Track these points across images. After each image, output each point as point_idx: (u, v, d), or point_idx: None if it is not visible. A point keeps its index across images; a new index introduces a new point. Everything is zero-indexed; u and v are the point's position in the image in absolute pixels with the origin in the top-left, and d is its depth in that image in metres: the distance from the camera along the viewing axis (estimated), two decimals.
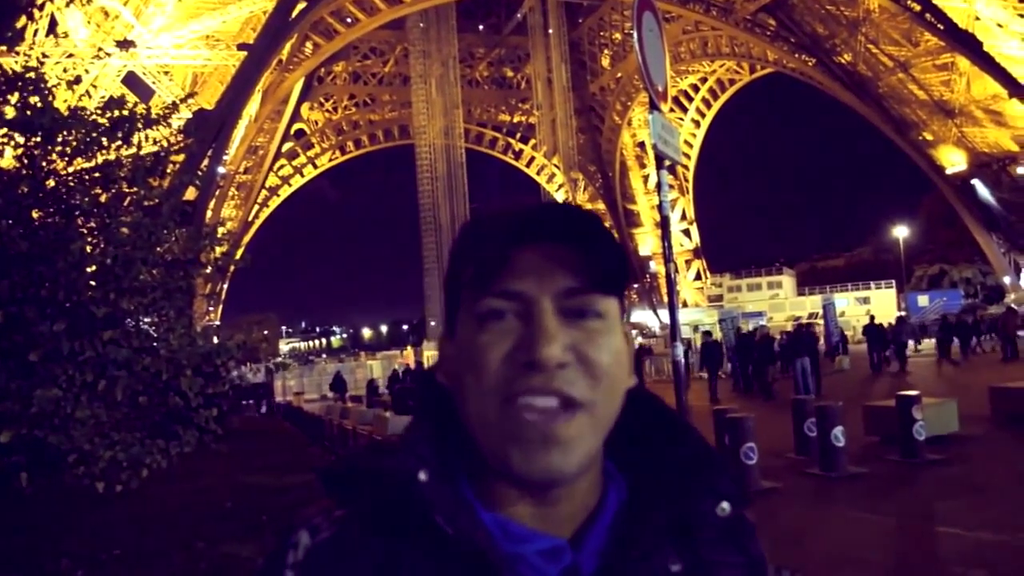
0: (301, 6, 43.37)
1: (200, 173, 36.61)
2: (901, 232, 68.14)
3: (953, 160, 61.48)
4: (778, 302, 75.37)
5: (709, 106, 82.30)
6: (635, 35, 6.05)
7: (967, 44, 54.90)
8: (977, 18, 55.82)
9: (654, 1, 6.88)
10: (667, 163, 5.93)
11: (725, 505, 0.90)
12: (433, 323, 71.33)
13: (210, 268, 8.71)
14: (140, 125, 7.50)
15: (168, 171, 8.16)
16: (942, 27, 55.01)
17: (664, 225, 5.91)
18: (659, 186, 5.92)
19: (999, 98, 56.00)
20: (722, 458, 0.94)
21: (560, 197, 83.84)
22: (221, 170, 42.52)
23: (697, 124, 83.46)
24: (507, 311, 0.85)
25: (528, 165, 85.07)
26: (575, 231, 0.87)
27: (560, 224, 0.87)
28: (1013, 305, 49.10)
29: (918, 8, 55.17)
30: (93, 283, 6.57)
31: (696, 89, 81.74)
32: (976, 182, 60.24)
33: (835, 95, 64.92)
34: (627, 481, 0.93)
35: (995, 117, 58.26)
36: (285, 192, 72.23)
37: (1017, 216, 58.91)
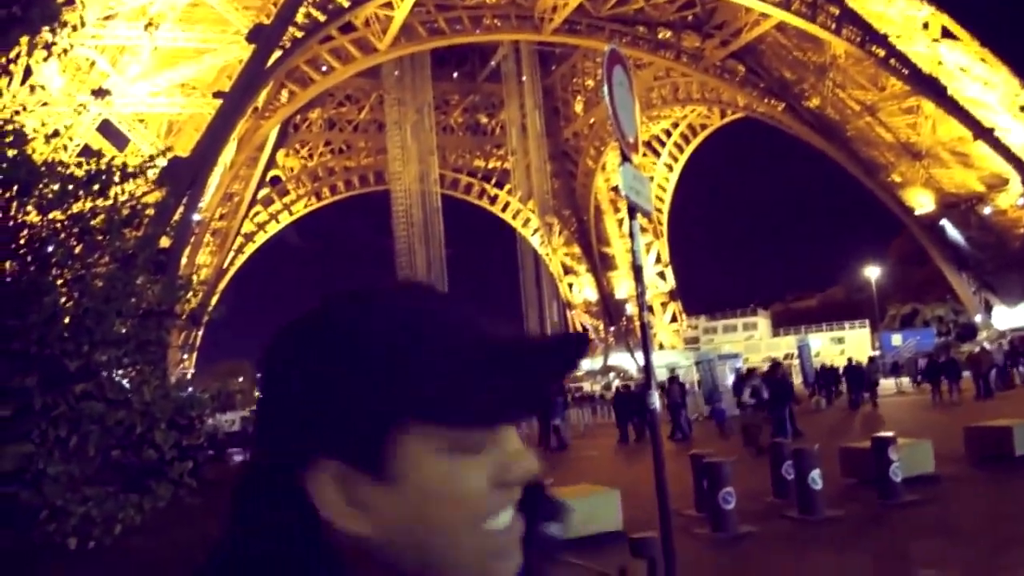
0: (276, 55, 43.68)
1: (175, 222, 36.53)
2: (873, 272, 68.92)
3: (922, 201, 62.58)
4: (754, 343, 75.84)
5: (681, 150, 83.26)
6: (605, 89, 6.17)
7: (931, 88, 56.19)
8: (940, 63, 57.24)
9: (623, 55, 7.03)
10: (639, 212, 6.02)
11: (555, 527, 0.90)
12: None
13: (184, 318, 8.68)
14: (116, 179, 7.51)
15: (143, 221, 8.15)
16: (907, 72, 56.30)
17: (637, 274, 5.97)
18: (632, 235, 5.99)
19: (964, 140, 57.22)
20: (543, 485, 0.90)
21: (536, 241, 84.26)
22: (196, 217, 42.43)
23: (670, 168, 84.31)
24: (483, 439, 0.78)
25: (504, 210, 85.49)
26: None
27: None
28: (986, 343, 49.72)
29: (883, 54, 56.45)
30: (66, 335, 6.52)
31: (668, 134, 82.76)
32: (945, 222, 61.28)
33: (805, 139, 65.99)
34: None
35: (961, 158, 59.48)
36: (261, 238, 72.09)
37: (986, 254, 59.91)
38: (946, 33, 58.53)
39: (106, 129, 40.11)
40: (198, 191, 41.52)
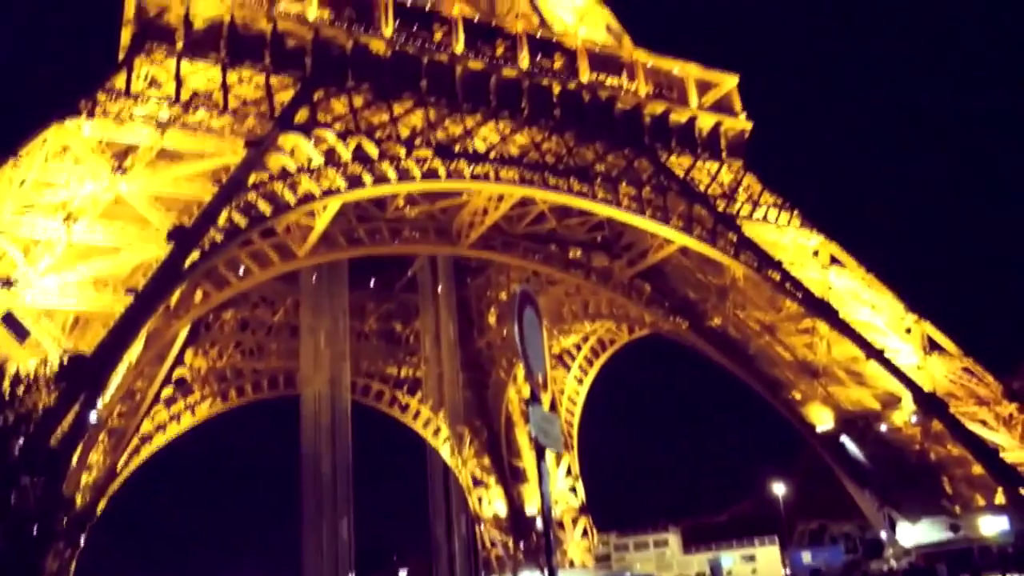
0: (195, 256, 43.57)
1: (69, 424, 34.67)
2: (780, 489, 69.59)
3: (822, 417, 64.54)
4: (666, 561, 74.42)
5: (591, 364, 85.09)
6: (516, 329, 6.31)
7: (824, 311, 59.64)
8: (831, 287, 61.23)
9: (534, 296, 7.29)
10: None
11: None
12: None
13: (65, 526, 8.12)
14: (6, 385, 7.26)
15: (31, 428, 7.79)
16: (800, 295, 59.79)
17: (546, 518, 5.91)
18: (540, 477, 5.98)
19: (858, 360, 60.15)
20: None
21: (446, 452, 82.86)
22: (93, 417, 40.40)
23: (580, 381, 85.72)
24: None
25: (415, 419, 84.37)
26: None
27: None
28: (892, 561, 49.94)
29: (778, 278, 60.05)
30: None
31: (579, 348, 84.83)
32: (844, 439, 63.02)
33: (709, 356, 68.34)
34: None
35: (856, 377, 62.19)
36: (159, 440, 68.72)
37: (885, 471, 61.34)
38: (835, 260, 63.27)
39: (7, 319, 38.79)
40: (98, 391, 39.93)
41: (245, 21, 52.27)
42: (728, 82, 69.86)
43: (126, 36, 50.14)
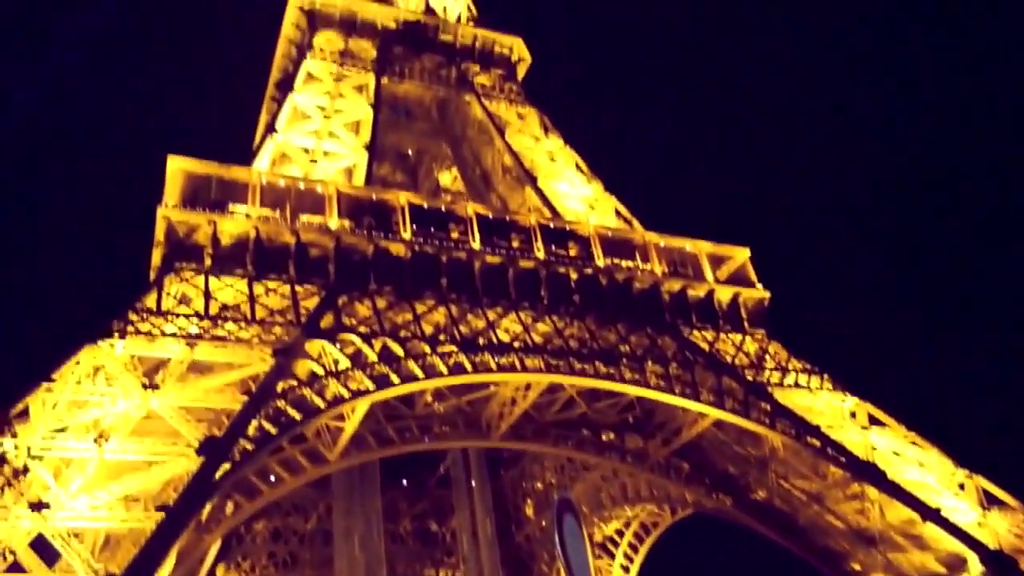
0: (226, 467, 43.30)
1: None
2: None
3: None
4: None
5: (636, 550, 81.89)
6: (556, 539, 6.29)
7: (871, 474, 57.40)
8: (874, 448, 59.34)
9: (573, 503, 7.24)
10: None
11: None
12: None
13: None
14: None
15: None
16: (844, 460, 57.80)
17: None
18: None
19: (914, 522, 57.22)
20: None
21: None
22: None
23: (626, 570, 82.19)
24: None
25: None
26: None
27: None
28: None
29: (818, 444, 58.34)
30: None
31: (621, 534, 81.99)
32: None
33: (758, 531, 65.52)
34: None
35: (915, 540, 59.04)
36: None
37: None
38: (873, 420, 61.67)
39: (38, 542, 38.20)
40: None
41: (269, 236, 54.61)
42: (740, 255, 71.04)
43: (156, 257, 52.35)
